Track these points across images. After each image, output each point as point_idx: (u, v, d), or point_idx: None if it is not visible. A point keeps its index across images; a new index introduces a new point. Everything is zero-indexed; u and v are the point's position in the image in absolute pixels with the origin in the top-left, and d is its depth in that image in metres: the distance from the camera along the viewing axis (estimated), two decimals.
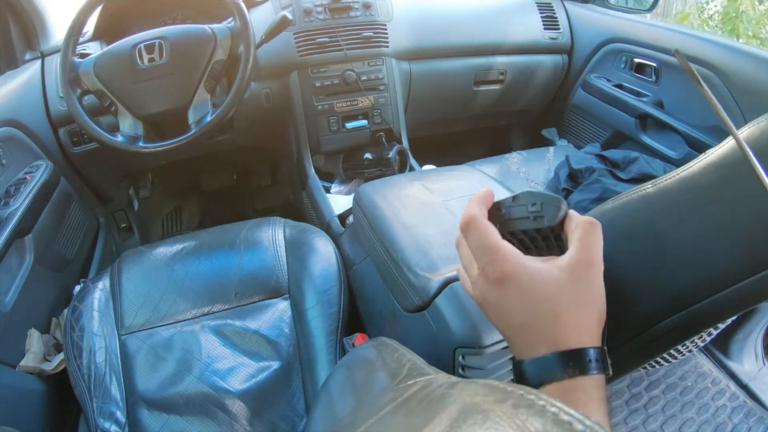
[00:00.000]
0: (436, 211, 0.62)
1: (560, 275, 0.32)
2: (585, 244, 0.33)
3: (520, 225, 0.35)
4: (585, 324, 0.32)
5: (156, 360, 0.68)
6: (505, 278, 0.32)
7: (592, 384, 0.30)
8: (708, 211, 0.45)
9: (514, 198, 0.36)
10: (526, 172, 1.21)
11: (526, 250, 0.36)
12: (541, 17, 1.36)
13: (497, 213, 0.36)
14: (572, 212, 0.36)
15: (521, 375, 0.32)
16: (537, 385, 0.31)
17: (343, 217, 1.00)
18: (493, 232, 0.34)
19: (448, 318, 0.48)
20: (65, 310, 0.77)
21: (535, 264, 0.32)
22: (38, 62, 1.05)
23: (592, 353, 0.30)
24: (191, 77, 0.86)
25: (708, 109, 1.04)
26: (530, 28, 1.34)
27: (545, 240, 0.36)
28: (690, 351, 0.72)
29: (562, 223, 0.35)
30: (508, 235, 0.36)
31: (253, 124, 1.19)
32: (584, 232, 0.33)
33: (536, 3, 1.37)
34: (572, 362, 0.30)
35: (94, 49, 1.05)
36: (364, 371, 0.47)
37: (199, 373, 0.67)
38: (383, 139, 1.20)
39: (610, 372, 0.31)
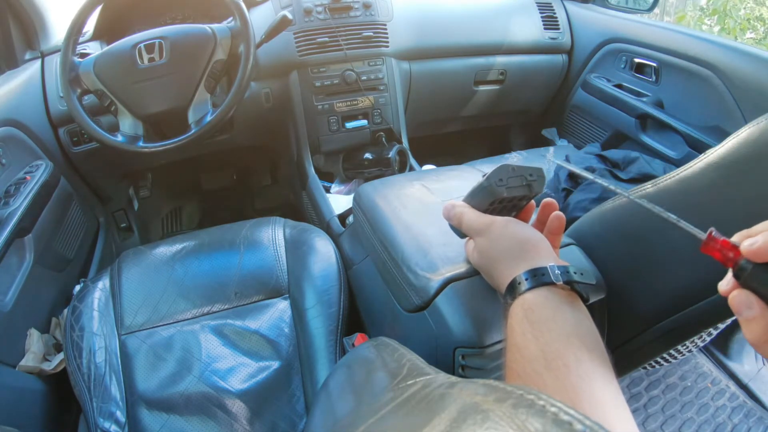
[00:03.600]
0: (436, 211, 0.61)
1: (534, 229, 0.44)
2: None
3: (516, 192, 0.45)
4: (543, 252, 0.42)
5: (156, 360, 0.68)
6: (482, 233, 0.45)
7: (565, 291, 0.39)
8: (708, 211, 0.45)
9: (513, 168, 0.45)
10: None
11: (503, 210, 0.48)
12: (541, 17, 1.36)
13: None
14: None
15: (513, 287, 0.40)
16: (532, 286, 0.38)
17: (343, 217, 1.00)
18: (473, 212, 0.47)
19: (448, 318, 0.48)
20: (65, 310, 0.77)
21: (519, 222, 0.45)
22: (38, 62, 1.05)
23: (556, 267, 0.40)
24: (191, 77, 0.85)
25: (708, 109, 1.04)
26: (530, 28, 1.34)
27: (512, 201, 0.46)
28: (690, 351, 0.72)
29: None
30: (498, 203, 0.46)
31: (253, 123, 1.19)
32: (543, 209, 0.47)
33: (536, 3, 1.37)
34: (559, 270, 0.39)
35: (94, 49, 1.05)
36: (363, 371, 0.47)
37: (199, 372, 0.67)
38: (383, 139, 1.19)
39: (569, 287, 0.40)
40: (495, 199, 0.45)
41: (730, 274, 0.30)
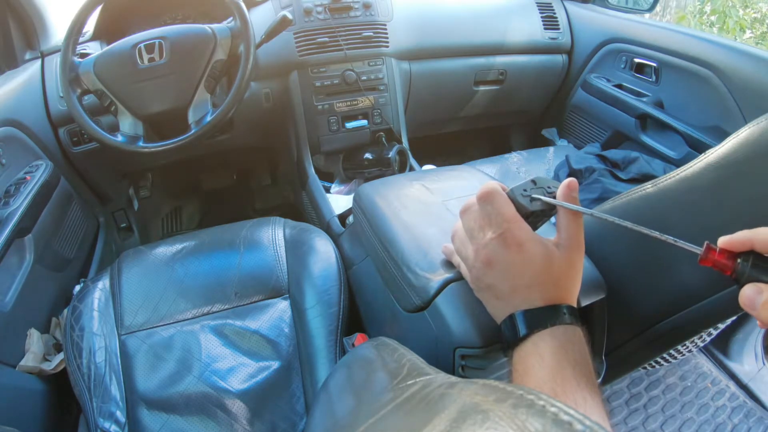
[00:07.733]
0: (436, 211, 0.61)
1: (562, 252, 0.40)
2: (574, 231, 0.41)
3: (539, 205, 0.41)
4: (572, 288, 0.41)
5: (156, 360, 0.68)
6: (523, 245, 0.39)
7: (570, 331, 0.37)
8: (708, 211, 0.45)
9: (533, 181, 0.42)
10: (526, 172, 1.21)
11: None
12: (541, 17, 1.36)
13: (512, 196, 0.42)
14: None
15: (513, 325, 0.39)
16: (528, 331, 0.37)
17: (343, 217, 1.00)
18: (511, 205, 0.40)
19: (448, 318, 0.48)
20: (65, 310, 0.77)
21: (543, 239, 0.40)
22: (38, 62, 1.05)
23: (571, 309, 0.39)
24: (191, 77, 0.85)
25: (708, 109, 1.04)
26: (530, 28, 1.34)
27: (538, 217, 0.42)
28: (690, 351, 0.72)
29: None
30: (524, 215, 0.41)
31: (253, 123, 1.19)
32: (572, 222, 0.41)
33: (536, 3, 1.37)
34: (558, 313, 0.38)
35: (94, 49, 1.05)
36: (363, 371, 0.47)
37: (199, 372, 0.67)
38: (383, 139, 1.20)
39: (581, 325, 0.39)
40: (522, 215, 0.41)
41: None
